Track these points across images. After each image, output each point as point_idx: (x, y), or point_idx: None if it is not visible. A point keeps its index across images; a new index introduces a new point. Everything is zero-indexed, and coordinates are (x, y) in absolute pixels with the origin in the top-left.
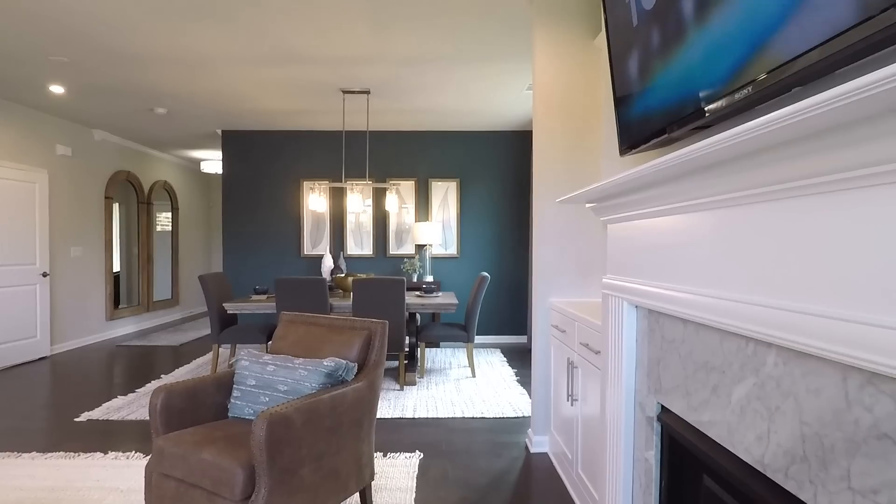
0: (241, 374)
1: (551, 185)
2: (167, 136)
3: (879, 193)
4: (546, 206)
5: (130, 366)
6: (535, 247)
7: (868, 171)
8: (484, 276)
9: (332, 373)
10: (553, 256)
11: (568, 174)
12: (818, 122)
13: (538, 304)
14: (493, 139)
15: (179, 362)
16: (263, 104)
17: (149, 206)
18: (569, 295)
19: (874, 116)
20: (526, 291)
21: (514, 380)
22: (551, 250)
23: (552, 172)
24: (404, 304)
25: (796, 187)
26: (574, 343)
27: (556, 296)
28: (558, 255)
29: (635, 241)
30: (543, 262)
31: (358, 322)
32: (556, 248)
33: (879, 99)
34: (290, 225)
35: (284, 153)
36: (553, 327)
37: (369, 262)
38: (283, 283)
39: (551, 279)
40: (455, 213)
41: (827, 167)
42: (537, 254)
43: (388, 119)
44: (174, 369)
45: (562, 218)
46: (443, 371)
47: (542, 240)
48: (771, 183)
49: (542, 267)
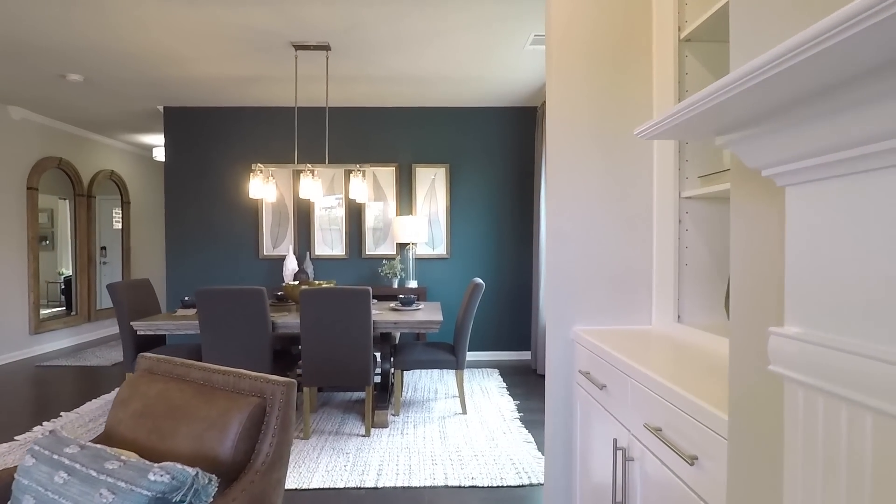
0: (19, 484)
1: (571, 156)
2: (101, 114)
3: None
4: (565, 184)
5: (34, 396)
6: (549, 245)
7: None
8: (477, 284)
9: (165, 498)
10: (576, 259)
11: (596, 140)
12: None
13: (553, 332)
14: (490, 116)
15: (98, 391)
16: (204, 68)
17: (90, 199)
18: (603, 319)
19: None
20: (529, 300)
21: (515, 417)
22: (573, 250)
23: (574, 137)
24: (371, 322)
25: None
26: (629, 415)
27: (583, 321)
28: (585, 257)
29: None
30: (560, 268)
31: (247, 380)
32: (581, 246)
33: None
34: (247, 220)
35: (238, 134)
36: (581, 374)
37: (341, 265)
38: (207, 296)
39: (574, 296)
40: (444, 206)
41: None
42: (551, 256)
43: (360, 91)
44: (84, 402)
45: (590, 199)
46: (425, 404)
47: (559, 235)
48: None
49: (559, 276)
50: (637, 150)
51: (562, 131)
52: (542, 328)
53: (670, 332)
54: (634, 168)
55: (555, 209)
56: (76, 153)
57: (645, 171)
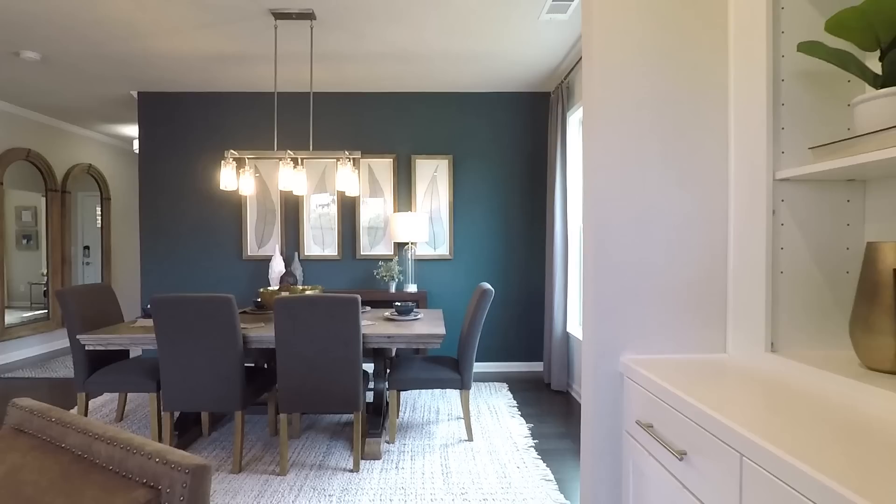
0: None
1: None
2: (70, 100)
3: None
4: (608, 169)
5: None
6: (588, 249)
7: None
8: (485, 290)
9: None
10: (624, 266)
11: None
12: None
13: (593, 361)
14: (498, 102)
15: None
16: (173, 42)
17: (64, 194)
18: (661, 346)
19: None
20: (540, 305)
21: (529, 445)
22: (620, 254)
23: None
24: (360, 335)
25: None
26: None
27: (634, 348)
28: (636, 263)
29: None
30: (604, 278)
31: (138, 458)
32: (630, 249)
33: None
34: (229, 218)
35: (218, 122)
36: (640, 427)
37: (334, 267)
38: (165, 305)
39: (621, 313)
40: (447, 202)
41: None
42: (591, 262)
43: (352, 72)
44: None
45: (643, 187)
46: (425, 427)
47: (600, 236)
48: None
49: (602, 288)
50: (705, 117)
51: (600, 97)
52: (557, 337)
53: (759, 365)
54: (702, 144)
55: (594, 201)
56: (48, 145)
57: (718, 146)
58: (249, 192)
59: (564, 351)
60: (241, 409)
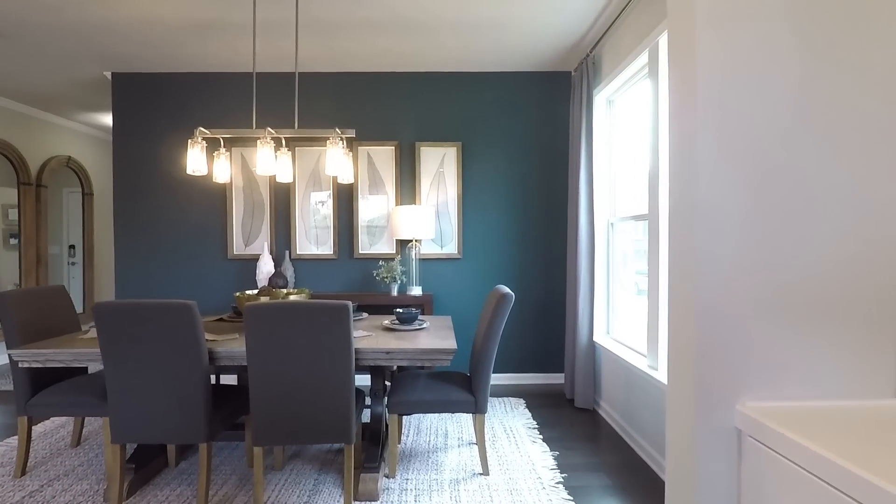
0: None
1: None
2: (39, 84)
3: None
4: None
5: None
6: (679, 236)
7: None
8: (503, 294)
9: None
10: (738, 268)
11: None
12: None
13: (685, 410)
14: (512, 83)
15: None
16: (148, 9)
17: (39, 189)
18: (799, 385)
19: None
20: (561, 310)
21: (557, 481)
22: (731, 250)
23: None
24: (352, 351)
25: None
26: None
27: (754, 392)
28: (754, 265)
29: None
30: (704, 284)
31: None
32: (747, 243)
33: None
34: (213, 212)
35: (199, 105)
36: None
37: (328, 267)
38: (108, 314)
39: (735, 338)
40: (455, 194)
41: None
42: (678, 262)
43: (344, 45)
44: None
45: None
46: (432, 456)
47: (691, 223)
48: None
49: (700, 298)
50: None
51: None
52: (582, 347)
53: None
54: (868, 71)
55: (692, 175)
56: (19, 134)
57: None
58: (225, 178)
59: (591, 363)
60: (208, 440)
